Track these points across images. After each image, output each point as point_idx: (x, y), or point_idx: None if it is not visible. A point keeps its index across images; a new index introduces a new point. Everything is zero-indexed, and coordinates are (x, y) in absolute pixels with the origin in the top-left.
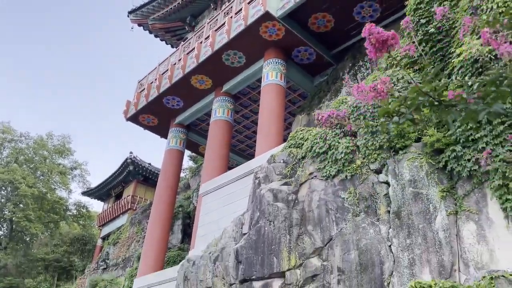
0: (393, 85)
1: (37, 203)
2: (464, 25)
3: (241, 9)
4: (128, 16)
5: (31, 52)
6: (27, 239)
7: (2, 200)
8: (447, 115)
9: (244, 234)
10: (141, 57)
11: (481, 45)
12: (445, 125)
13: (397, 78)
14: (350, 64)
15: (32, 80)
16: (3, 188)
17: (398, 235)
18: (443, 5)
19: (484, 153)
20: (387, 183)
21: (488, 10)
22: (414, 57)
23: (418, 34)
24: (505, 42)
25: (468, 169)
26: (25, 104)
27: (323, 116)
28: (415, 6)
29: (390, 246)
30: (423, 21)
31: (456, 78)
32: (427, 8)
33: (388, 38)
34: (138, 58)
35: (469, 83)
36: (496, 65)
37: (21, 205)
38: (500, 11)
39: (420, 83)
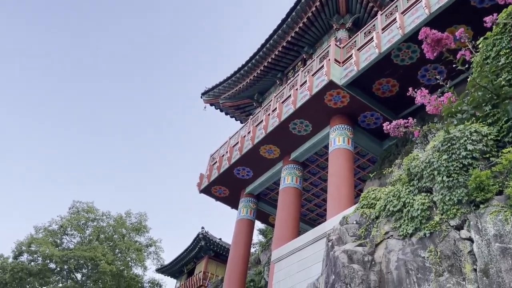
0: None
1: (114, 280)
2: None
3: (305, 81)
4: (201, 97)
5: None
6: None
7: (83, 278)
8: (506, 106)
9: None
10: (210, 133)
11: None
12: None
13: (470, 131)
14: (420, 126)
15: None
16: (85, 266)
17: None
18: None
19: None
20: (470, 239)
21: None
22: (486, 110)
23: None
24: None
25: None
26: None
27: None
28: (481, 62)
29: None
30: (491, 76)
31: None
32: (494, 63)
33: (442, 37)
34: (206, 134)
35: None
36: None
37: (99, 283)
38: None
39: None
